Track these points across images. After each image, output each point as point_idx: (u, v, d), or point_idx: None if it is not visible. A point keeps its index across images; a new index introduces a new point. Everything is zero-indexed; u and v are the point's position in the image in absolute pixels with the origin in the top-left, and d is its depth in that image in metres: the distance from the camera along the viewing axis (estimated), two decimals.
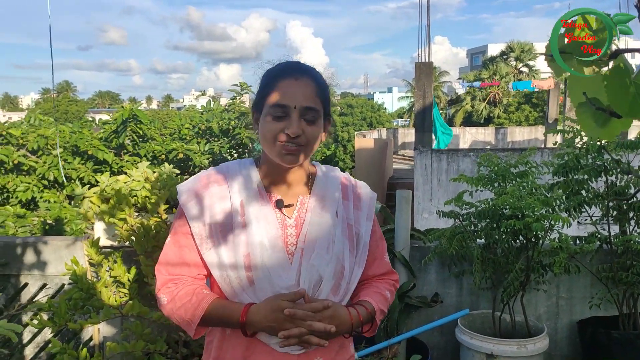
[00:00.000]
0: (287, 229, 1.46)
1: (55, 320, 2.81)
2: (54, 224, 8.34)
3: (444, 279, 3.60)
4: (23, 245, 3.69)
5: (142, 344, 2.93)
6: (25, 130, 9.85)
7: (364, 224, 1.55)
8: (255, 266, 1.41)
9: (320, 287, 1.43)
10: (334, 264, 1.45)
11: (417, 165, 10.71)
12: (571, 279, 3.47)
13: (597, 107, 0.93)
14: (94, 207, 3.25)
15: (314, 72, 1.46)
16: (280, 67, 1.45)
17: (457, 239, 3.10)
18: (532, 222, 2.83)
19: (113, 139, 10.11)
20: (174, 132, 12.56)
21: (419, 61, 11.46)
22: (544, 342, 3.10)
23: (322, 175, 1.55)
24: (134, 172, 3.49)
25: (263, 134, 1.41)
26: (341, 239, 1.48)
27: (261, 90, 1.46)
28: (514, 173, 3.17)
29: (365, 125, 35.73)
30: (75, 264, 2.94)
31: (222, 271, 1.43)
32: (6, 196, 9.31)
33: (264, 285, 1.41)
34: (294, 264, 1.42)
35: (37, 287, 3.72)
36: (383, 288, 1.57)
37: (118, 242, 3.25)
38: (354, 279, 1.51)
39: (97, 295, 2.93)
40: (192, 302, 1.41)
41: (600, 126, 0.97)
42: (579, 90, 0.96)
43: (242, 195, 1.46)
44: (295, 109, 1.37)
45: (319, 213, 1.48)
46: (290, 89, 1.39)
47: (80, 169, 9.59)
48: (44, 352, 3.81)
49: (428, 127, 11.28)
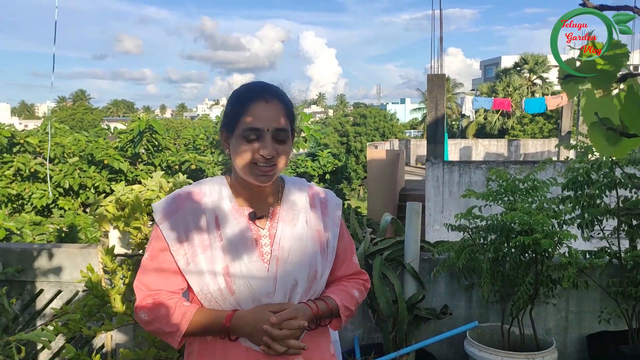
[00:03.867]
0: (262, 239, 1.55)
1: (70, 327, 2.86)
2: (69, 232, 8.46)
3: (453, 291, 3.62)
4: (39, 251, 3.77)
5: (154, 351, 2.97)
6: (42, 139, 10.00)
7: (332, 229, 1.65)
8: (234, 277, 1.48)
9: (296, 290, 1.53)
10: (307, 269, 1.54)
11: (429, 177, 10.71)
12: (581, 294, 3.48)
13: (608, 127, 0.98)
14: (109, 216, 3.31)
15: (281, 93, 1.54)
16: (250, 90, 1.52)
17: (465, 252, 3.12)
18: (541, 238, 2.85)
19: (128, 149, 10.24)
20: (189, 142, 12.69)
21: (431, 73, 11.49)
22: (553, 356, 3.11)
23: (290, 187, 1.64)
24: (148, 182, 3.56)
25: (237, 155, 1.48)
26: (312, 244, 1.58)
27: (232, 111, 1.51)
28: (523, 188, 3.19)
29: (377, 136, 35.75)
30: (91, 272, 2.99)
31: (202, 285, 1.50)
32: (21, 203, 9.45)
33: (244, 294, 1.49)
34: (270, 272, 1.51)
35: (52, 293, 3.79)
36: (350, 287, 1.67)
37: (132, 250, 3.31)
38: (324, 280, 1.62)
39: (111, 303, 2.98)
40: (175, 315, 1.49)
41: (612, 145, 1.01)
42: (592, 110, 1.00)
43: (216, 211, 1.53)
44: (267, 132, 1.46)
45: (290, 222, 1.57)
46: (262, 112, 1.46)
47: (95, 178, 9.72)
48: (58, 358, 3.87)
49: (440, 139, 11.30)
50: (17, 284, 3.79)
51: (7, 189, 9.27)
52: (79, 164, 9.67)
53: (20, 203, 9.59)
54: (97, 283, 2.93)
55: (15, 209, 9.56)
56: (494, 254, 3.15)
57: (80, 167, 9.67)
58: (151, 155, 10.49)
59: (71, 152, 9.92)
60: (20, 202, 9.58)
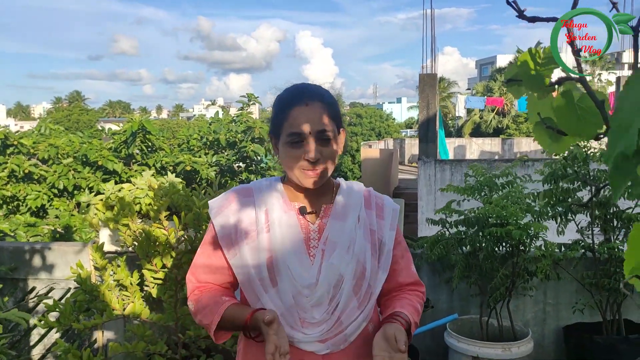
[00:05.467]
0: (310, 234, 1.54)
1: (60, 321, 2.96)
2: (64, 233, 8.53)
3: (435, 285, 3.73)
4: (31, 250, 3.86)
5: (142, 344, 3.07)
6: (36, 140, 10.05)
7: (387, 232, 1.61)
8: (278, 267, 1.48)
9: (341, 286, 1.50)
10: (354, 264, 1.51)
11: (421, 176, 10.82)
12: (557, 286, 3.59)
13: (547, 126, 1.09)
14: (99, 214, 3.41)
15: (321, 93, 1.54)
16: (290, 95, 1.53)
17: (439, 246, 3.23)
18: (514, 230, 2.96)
19: (122, 150, 10.31)
20: (183, 142, 12.76)
21: (423, 73, 11.61)
22: (528, 346, 3.22)
23: (345, 187, 1.63)
24: (138, 181, 3.66)
25: (284, 160, 1.50)
26: (362, 241, 1.54)
27: (275, 118, 1.54)
28: (499, 183, 3.30)
29: (374, 135, 35.87)
30: (80, 268, 3.09)
31: (246, 274, 1.51)
32: (16, 204, 9.51)
33: (286, 285, 1.48)
34: (314, 264, 1.50)
35: (45, 291, 3.88)
36: (415, 301, 1.61)
37: (122, 248, 3.40)
38: (377, 282, 1.56)
39: (101, 298, 3.08)
40: (211, 309, 1.51)
41: (554, 142, 1.12)
42: (535, 110, 1.12)
43: (267, 205, 1.55)
44: (310, 135, 1.46)
45: (341, 217, 1.55)
46: (303, 116, 1.46)
47: (90, 178, 9.78)
48: (51, 353, 3.96)
49: (432, 138, 11.41)
50: (10, 282, 3.87)
51: (2, 190, 9.32)
52: (73, 164, 9.73)
53: (16, 204, 9.66)
54: (86, 278, 3.03)
55: (11, 211, 9.62)
56: (471, 247, 3.25)
57: (75, 168, 9.72)
58: (145, 156, 10.56)
59: (65, 153, 9.97)
60: (16, 204, 9.64)
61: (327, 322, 1.49)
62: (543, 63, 1.07)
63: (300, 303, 1.48)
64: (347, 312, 1.50)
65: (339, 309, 1.49)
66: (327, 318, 1.49)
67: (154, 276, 3.09)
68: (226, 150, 11.97)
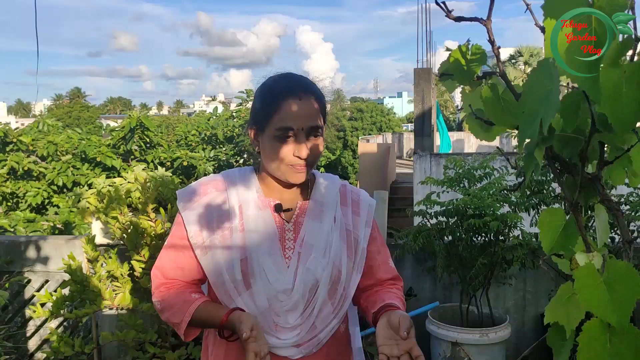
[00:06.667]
0: (285, 233, 1.47)
1: (52, 310, 3.07)
2: (63, 229, 8.65)
3: (418, 274, 3.83)
4: (26, 243, 3.97)
5: (133, 333, 3.18)
6: (35, 137, 10.15)
7: (363, 229, 1.56)
8: (252, 269, 1.41)
9: (317, 291, 1.45)
10: (330, 268, 1.46)
11: (417, 169, 10.91)
12: (537, 275, 3.69)
13: (476, 117, 1.19)
14: (91, 207, 3.52)
15: (314, 87, 1.46)
16: (282, 86, 1.43)
17: (421, 236, 3.34)
18: (491, 220, 3.06)
19: (121, 146, 10.41)
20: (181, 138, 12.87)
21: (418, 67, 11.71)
22: (505, 331, 3.32)
23: (321, 182, 1.55)
24: (129, 175, 3.77)
25: (270, 155, 1.41)
26: (339, 243, 1.49)
27: (262, 108, 1.43)
28: (477, 175, 3.40)
29: (375, 130, 35.92)
30: (72, 259, 3.20)
31: (218, 275, 1.43)
32: (16, 201, 9.63)
33: (260, 289, 1.42)
34: (290, 268, 1.44)
35: (40, 283, 3.99)
36: (399, 294, 1.57)
37: (112, 240, 3.51)
38: (352, 284, 1.52)
39: (91, 288, 3.19)
40: (180, 307, 1.43)
41: (485, 131, 1.22)
42: (467, 102, 1.22)
43: (240, 200, 1.46)
44: (302, 131, 1.38)
45: (317, 217, 1.49)
46: (296, 110, 1.37)
47: (89, 175, 9.90)
48: (47, 344, 4.08)
49: (427, 132, 11.50)
50: (6, 275, 3.98)
51: (2, 187, 9.43)
52: (72, 161, 9.85)
53: (15, 201, 9.79)
54: (77, 269, 3.14)
55: (10, 207, 9.76)
56: (452, 237, 3.36)
57: (74, 165, 9.84)
58: (143, 152, 10.68)
59: (64, 150, 10.09)
60: (15, 201, 9.77)
61: (301, 327, 1.45)
62: (473, 59, 1.17)
63: (275, 307, 1.43)
64: (322, 317, 1.47)
65: (313, 315, 1.45)
66: (301, 323, 1.45)
67: (142, 267, 3.19)
68: (224, 145, 12.06)
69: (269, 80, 1.47)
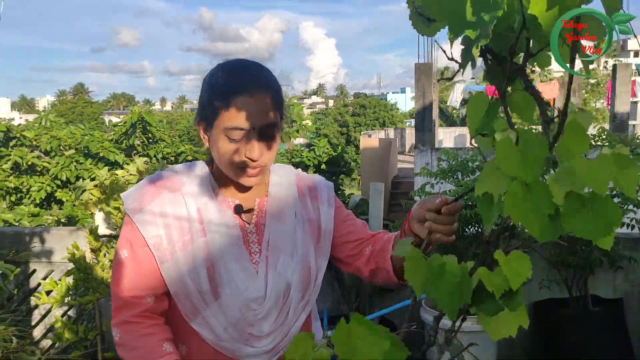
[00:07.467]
0: (249, 236, 1.38)
1: (56, 297, 3.17)
2: (67, 223, 8.76)
3: None
4: (31, 235, 4.07)
5: None
6: (38, 132, 10.25)
7: (325, 212, 1.48)
8: (220, 278, 1.31)
9: (289, 295, 1.38)
10: (300, 268, 1.40)
11: (417, 164, 10.98)
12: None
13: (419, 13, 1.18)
14: (94, 199, 3.62)
15: (267, 78, 1.33)
16: (231, 82, 1.29)
17: None
18: None
19: (123, 141, 10.50)
20: (183, 133, 12.97)
21: (418, 62, 11.77)
22: None
23: (277, 176, 1.47)
24: (130, 167, 3.87)
25: (218, 154, 1.29)
26: (304, 239, 1.43)
27: (210, 103, 1.30)
28: (470, 167, 3.48)
29: (378, 125, 36.00)
30: (76, 249, 3.30)
31: (182, 286, 1.31)
32: (19, 196, 9.75)
33: (230, 299, 1.32)
34: (260, 273, 1.35)
35: (45, 273, 4.10)
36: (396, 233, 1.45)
37: (115, 230, 3.61)
38: (320, 272, 1.46)
39: (94, 277, 3.29)
40: (144, 356, 1.29)
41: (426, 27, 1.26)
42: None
43: (198, 202, 1.35)
44: (254, 130, 1.26)
45: (279, 217, 1.41)
46: (247, 108, 1.24)
47: (92, 170, 10.01)
48: (51, 332, 4.18)
49: (428, 127, 11.57)
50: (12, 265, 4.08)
51: (5, 182, 9.54)
52: (75, 156, 9.95)
53: (19, 196, 9.91)
54: (80, 257, 3.23)
55: (14, 202, 9.88)
56: None
57: (77, 160, 9.95)
58: (146, 147, 10.77)
59: (67, 145, 10.19)
60: (19, 195, 9.89)
61: (276, 333, 1.37)
62: None
63: (247, 317, 1.33)
64: (296, 316, 1.41)
65: (288, 318, 1.39)
66: (276, 329, 1.37)
67: None
68: None
69: (217, 70, 1.34)
